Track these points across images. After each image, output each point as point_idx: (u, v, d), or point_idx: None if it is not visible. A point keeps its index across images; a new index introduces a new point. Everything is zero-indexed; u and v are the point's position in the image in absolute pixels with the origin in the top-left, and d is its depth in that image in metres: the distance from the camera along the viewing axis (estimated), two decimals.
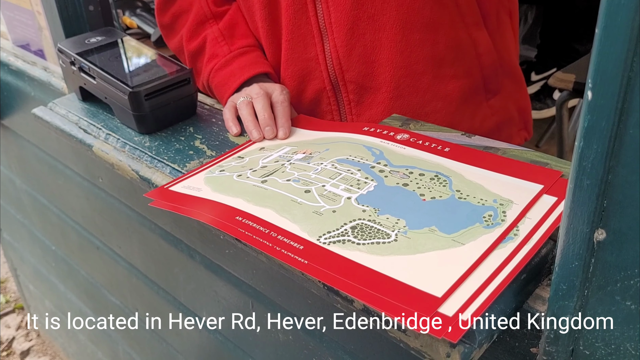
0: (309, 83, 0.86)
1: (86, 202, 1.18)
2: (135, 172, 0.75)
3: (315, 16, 0.81)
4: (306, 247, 0.53)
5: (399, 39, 0.80)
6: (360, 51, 0.81)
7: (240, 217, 0.58)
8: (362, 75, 0.83)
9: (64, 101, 0.91)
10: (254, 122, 0.79)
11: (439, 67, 0.83)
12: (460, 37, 0.82)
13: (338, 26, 0.80)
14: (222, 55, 0.88)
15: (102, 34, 0.92)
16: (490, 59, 0.86)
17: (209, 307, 0.97)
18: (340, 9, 0.79)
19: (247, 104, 0.80)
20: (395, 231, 0.54)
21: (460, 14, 0.81)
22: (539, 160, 0.63)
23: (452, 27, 0.81)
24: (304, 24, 0.82)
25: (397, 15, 0.79)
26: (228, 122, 0.81)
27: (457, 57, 0.83)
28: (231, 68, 0.86)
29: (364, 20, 0.79)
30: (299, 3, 0.81)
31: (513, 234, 0.52)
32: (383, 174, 0.63)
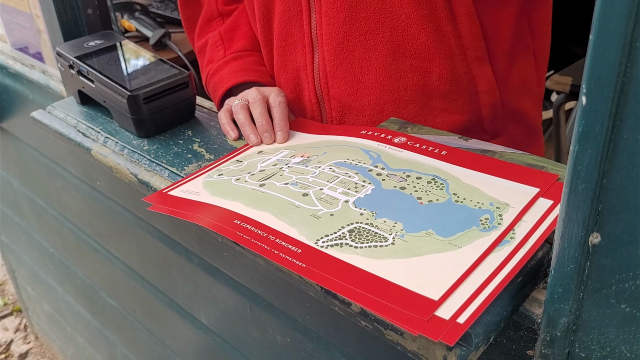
0: (301, 92, 0.85)
1: (84, 205, 1.18)
2: (133, 175, 0.75)
3: (308, 25, 0.80)
4: (304, 250, 0.53)
5: (388, 62, 0.77)
6: (347, 68, 0.79)
7: (239, 220, 0.59)
8: (346, 94, 0.80)
9: (63, 104, 0.91)
10: (251, 127, 0.78)
11: (429, 98, 0.79)
12: (457, 70, 0.78)
13: (329, 38, 0.78)
14: (216, 60, 0.89)
15: (101, 37, 0.92)
16: (491, 99, 0.80)
17: (207, 310, 0.97)
18: (333, 22, 0.77)
19: (242, 106, 0.80)
20: (393, 234, 0.54)
21: (460, 46, 0.76)
22: (535, 164, 0.63)
23: (449, 59, 0.77)
24: (297, 32, 0.82)
25: (390, 37, 0.76)
26: (224, 126, 0.81)
27: (451, 91, 0.79)
28: (221, 74, 0.87)
29: (355, 36, 0.77)
30: (294, 10, 0.80)
31: (509, 237, 0.52)
32: (380, 177, 0.63)
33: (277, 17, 0.82)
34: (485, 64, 0.78)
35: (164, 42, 1.30)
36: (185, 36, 1.41)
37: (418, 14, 0.74)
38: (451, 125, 0.80)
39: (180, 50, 1.29)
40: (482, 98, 0.80)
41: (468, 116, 0.81)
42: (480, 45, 0.77)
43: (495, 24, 0.78)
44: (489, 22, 0.77)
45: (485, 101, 0.80)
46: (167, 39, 1.30)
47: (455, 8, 0.75)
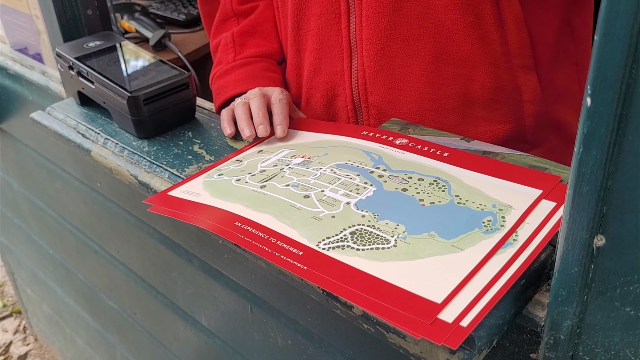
0: (334, 98, 0.83)
1: (84, 206, 1.18)
2: (133, 177, 0.75)
3: (347, 28, 0.77)
4: (305, 252, 0.53)
5: (430, 69, 0.75)
6: (387, 74, 0.77)
7: (239, 222, 0.58)
8: (386, 101, 0.78)
9: (62, 105, 0.91)
10: (247, 120, 0.77)
11: (470, 107, 0.77)
12: (502, 78, 0.75)
13: (369, 44, 0.76)
14: (225, 63, 0.88)
15: (101, 38, 0.92)
16: (535, 109, 0.78)
17: (208, 312, 0.96)
18: (374, 27, 0.75)
19: (243, 104, 0.79)
20: (395, 236, 0.53)
21: (507, 53, 0.74)
22: (538, 165, 0.63)
23: (494, 67, 0.74)
24: (334, 35, 0.79)
25: (433, 44, 0.74)
26: (223, 122, 0.80)
27: (494, 100, 0.76)
28: (228, 79, 0.86)
29: (397, 42, 0.75)
30: (333, 12, 0.78)
31: (512, 240, 0.52)
32: (382, 179, 0.63)
33: (313, 18, 0.80)
34: (531, 72, 0.76)
35: (163, 42, 1.29)
36: (185, 37, 1.41)
37: (464, 20, 0.72)
38: (492, 135, 0.78)
39: (180, 50, 1.28)
40: (526, 108, 0.77)
41: (510, 126, 0.78)
42: (527, 52, 0.74)
43: (540, 30, 0.75)
44: (535, 28, 0.75)
45: (529, 111, 0.78)
46: (167, 40, 1.30)
47: (503, 14, 0.72)
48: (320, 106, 0.85)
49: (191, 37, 1.40)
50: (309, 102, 0.87)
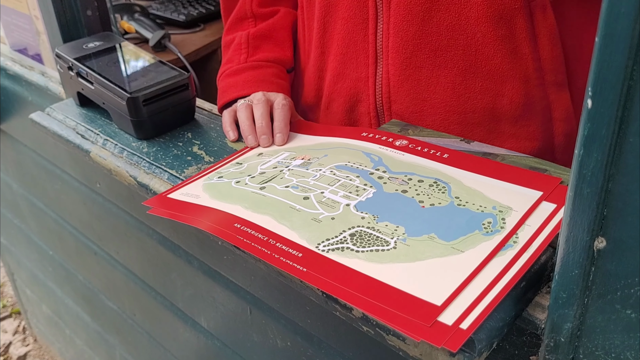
0: (357, 104, 0.82)
1: (84, 207, 1.18)
2: (133, 178, 0.74)
3: (374, 34, 0.76)
4: (305, 254, 0.53)
5: (458, 82, 0.73)
6: (413, 85, 0.75)
7: (239, 224, 0.58)
8: (409, 112, 0.77)
9: (62, 106, 0.91)
10: (251, 128, 0.77)
11: (497, 122, 0.75)
12: (532, 95, 0.73)
13: (395, 52, 0.75)
14: (236, 62, 0.88)
15: (100, 39, 0.92)
16: (567, 127, 0.75)
17: (207, 313, 0.96)
18: (402, 35, 0.73)
19: (246, 106, 0.79)
20: (395, 238, 0.53)
21: (539, 69, 0.71)
22: (538, 167, 0.63)
23: (525, 82, 0.72)
24: (360, 41, 0.78)
25: (462, 56, 0.72)
26: (225, 126, 0.80)
27: (523, 116, 0.74)
28: (236, 79, 0.86)
29: (424, 52, 0.73)
30: (360, 17, 0.76)
31: (512, 242, 0.52)
32: (382, 181, 0.62)
33: (339, 22, 0.79)
34: (564, 89, 0.73)
35: (163, 43, 1.29)
36: (185, 38, 1.41)
37: (495, 33, 0.70)
38: (520, 152, 0.74)
39: (179, 51, 1.28)
40: (556, 126, 0.75)
41: (539, 144, 0.76)
42: (560, 69, 0.72)
43: (577, 44, 0.72)
44: (571, 43, 0.72)
45: (559, 129, 0.75)
46: (167, 41, 1.30)
47: (537, 29, 0.70)
48: (342, 111, 0.83)
49: (191, 38, 1.40)
50: (330, 106, 0.85)
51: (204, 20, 1.47)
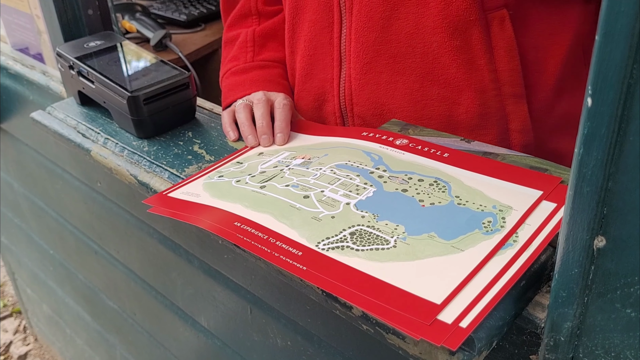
0: (323, 103, 0.83)
1: (84, 207, 1.18)
2: (133, 176, 0.74)
3: (338, 38, 0.77)
4: (305, 253, 0.53)
5: (416, 89, 0.74)
6: (373, 89, 0.77)
7: (239, 222, 0.58)
8: (370, 114, 0.79)
9: (63, 105, 0.91)
10: (251, 128, 0.77)
11: (454, 130, 0.75)
12: (489, 105, 0.73)
13: (357, 56, 0.76)
14: (242, 61, 0.88)
15: (101, 38, 0.92)
16: (524, 139, 0.75)
17: (207, 312, 0.96)
18: (363, 40, 0.75)
19: (244, 106, 0.79)
20: (395, 237, 0.53)
21: (495, 80, 0.71)
22: (538, 166, 0.63)
23: (481, 93, 0.72)
24: (326, 43, 0.79)
25: (420, 64, 0.73)
26: (225, 126, 0.80)
27: (479, 126, 0.75)
28: (244, 77, 0.86)
29: (384, 58, 0.75)
30: (326, 21, 0.78)
31: (512, 241, 0.52)
32: (382, 180, 0.62)
33: (306, 24, 0.80)
34: (521, 101, 0.73)
35: (164, 43, 1.29)
36: (186, 37, 1.41)
37: (450, 44, 0.70)
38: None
39: (181, 51, 1.28)
40: (513, 137, 0.75)
41: None
42: (518, 81, 0.72)
43: (541, 57, 0.72)
44: (535, 56, 0.72)
45: (516, 141, 0.75)
46: (168, 40, 1.30)
47: (494, 41, 0.70)
48: (311, 109, 0.85)
49: (192, 37, 1.40)
50: (299, 103, 0.87)
51: (204, 20, 1.47)
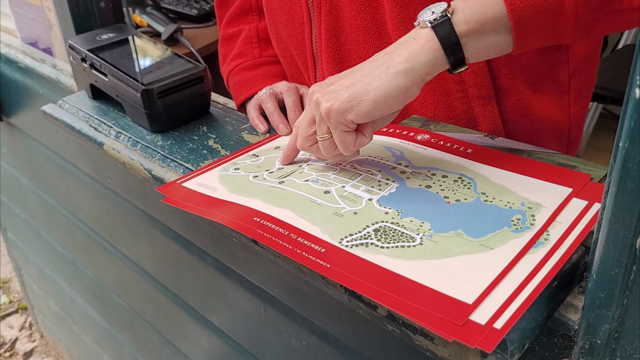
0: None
1: (94, 203, 1.16)
2: (147, 171, 0.73)
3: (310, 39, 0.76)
4: (328, 249, 0.51)
5: None
6: None
7: (258, 217, 0.56)
8: None
9: (74, 99, 0.89)
10: (281, 116, 0.76)
11: None
12: (455, 108, 0.71)
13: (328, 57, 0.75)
14: (251, 57, 0.86)
15: (114, 30, 0.90)
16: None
17: (220, 311, 0.95)
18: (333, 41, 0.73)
19: (270, 95, 0.78)
20: (420, 234, 0.51)
21: (459, 82, 0.69)
22: (567, 163, 0.60)
23: (445, 96, 0.70)
24: (299, 44, 0.78)
25: None
26: (253, 120, 0.79)
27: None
28: (256, 73, 0.84)
29: (354, 59, 0.73)
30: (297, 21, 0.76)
31: (543, 239, 0.50)
32: (405, 175, 0.60)
33: (281, 26, 0.80)
34: (490, 103, 0.70)
35: (176, 37, 1.28)
36: (197, 32, 1.40)
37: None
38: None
39: (192, 45, 1.27)
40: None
41: None
42: (484, 83, 0.69)
43: (513, 59, 0.68)
44: (504, 58, 0.68)
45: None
46: (180, 35, 1.28)
47: None
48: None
49: (203, 32, 1.39)
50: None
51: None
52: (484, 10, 0.52)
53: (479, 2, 0.52)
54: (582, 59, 0.72)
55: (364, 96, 0.54)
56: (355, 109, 0.54)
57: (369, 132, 0.58)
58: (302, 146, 0.61)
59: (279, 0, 0.78)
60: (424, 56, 0.53)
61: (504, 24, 0.52)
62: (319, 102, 0.56)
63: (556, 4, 0.50)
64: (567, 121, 0.75)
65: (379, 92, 0.54)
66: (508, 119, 0.72)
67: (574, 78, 0.72)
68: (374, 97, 0.54)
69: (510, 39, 0.53)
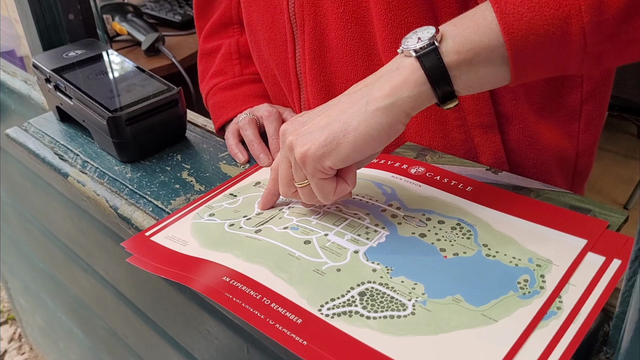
0: None
1: (71, 223, 1.10)
2: (113, 209, 0.66)
3: (293, 59, 0.69)
4: (305, 320, 0.44)
5: None
6: None
7: (228, 277, 0.49)
8: None
9: (40, 121, 0.82)
10: (261, 145, 0.69)
11: None
12: (452, 137, 0.65)
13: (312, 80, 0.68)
14: (231, 75, 0.79)
15: (83, 46, 0.83)
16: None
17: (201, 346, 0.88)
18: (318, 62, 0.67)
19: (250, 121, 0.71)
20: (412, 300, 0.45)
21: (458, 110, 0.63)
22: (579, 206, 0.54)
23: (442, 124, 0.64)
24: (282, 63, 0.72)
25: None
26: (232, 148, 0.72)
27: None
28: (236, 92, 0.77)
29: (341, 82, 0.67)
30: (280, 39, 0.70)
31: (556, 308, 0.43)
32: (396, 220, 0.54)
33: (263, 43, 0.73)
34: (492, 131, 0.64)
35: (157, 47, 1.20)
36: (181, 40, 1.32)
37: None
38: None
39: (174, 56, 1.19)
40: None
41: None
42: (486, 110, 0.62)
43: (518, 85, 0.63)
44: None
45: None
46: (161, 44, 1.21)
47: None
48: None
49: (187, 40, 1.31)
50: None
51: None
52: (478, 38, 0.45)
53: (471, 29, 0.45)
54: (597, 83, 0.64)
55: (342, 138, 0.47)
56: (334, 153, 0.47)
57: (352, 178, 0.51)
58: (286, 193, 0.55)
59: (260, 15, 0.71)
60: (407, 90, 0.46)
61: (500, 54, 0.45)
62: (293, 146, 0.49)
63: (560, 32, 0.43)
64: (574, 151, 0.68)
65: (359, 132, 0.47)
66: (512, 148, 0.65)
67: (587, 104, 0.65)
68: (353, 139, 0.47)
69: (507, 71, 0.46)
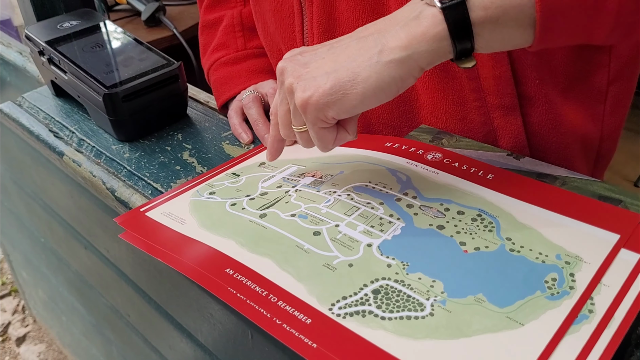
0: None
1: (71, 200, 1.06)
2: (110, 191, 0.62)
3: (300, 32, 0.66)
4: (315, 320, 0.41)
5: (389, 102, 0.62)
6: None
7: (231, 269, 0.46)
8: None
9: (35, 96, 0.79)
10: (267, 125, 0.66)
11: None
12: (471, 119, 0.61)
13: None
14: (234, 49, 0.75)
15: (78, 17, 0.79)
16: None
17: (204, 329, 0.85)
18: (326, 37, 0.64)
19: (254, 99, 0.67)
20: (431, 299, 0.41)
21: (477, 90, 0.59)
22: (610, 196, 0.50)
23: (460, 105, 0.61)
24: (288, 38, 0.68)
25: None
26: (236, 128, 0.69)
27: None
28: (239, 68, 0.73)
29: None
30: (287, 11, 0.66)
31: (587, 311, 0.39)
32: (412, 211, 0.50)
33: (269, 15, 0.69)
34: (513, 113, 0.60)
35: (157, 17, 1.15)
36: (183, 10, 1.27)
37: None
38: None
39: (176, 26, 1.14)
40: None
41: None
42: (507, 90, 0.59)
43: (543, 60, 0.58)
44: (531, 60, 0.58)
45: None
46: (162, 14, 1.16)
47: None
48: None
49: (189, 9, 1.26)
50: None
51: None
52: None
53: None
54: (624, 62, 0.60)
55: (349, 88, 0.43)
56: (339, 103, 0.44)
57: (353, 127, 0.48)
58: (288, 135, 0.52)
59: None
60: (425, 44, 0.42)
61: (529, 15, 0.41)
62: (293, 90, 0.45)
63: None
64: (598, 134, 0.63)
65: (369, 84, 0.43)
66: (534, 131, 0.60)
67: (614, 85, 0.60)
68: (362, 90, 0.43)
69: (531, 34, 0.42)
